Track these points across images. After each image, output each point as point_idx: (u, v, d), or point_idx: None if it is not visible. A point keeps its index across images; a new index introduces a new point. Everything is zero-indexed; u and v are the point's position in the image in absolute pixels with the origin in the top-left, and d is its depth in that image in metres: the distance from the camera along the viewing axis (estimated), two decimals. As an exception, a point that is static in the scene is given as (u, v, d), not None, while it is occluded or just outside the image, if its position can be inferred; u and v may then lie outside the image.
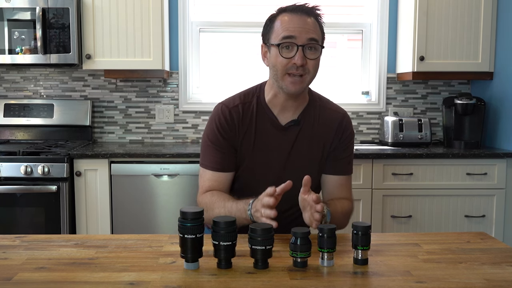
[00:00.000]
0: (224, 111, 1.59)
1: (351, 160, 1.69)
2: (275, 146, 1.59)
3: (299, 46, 1.47)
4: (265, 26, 1.57)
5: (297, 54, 1.47)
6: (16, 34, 3.00)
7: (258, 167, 1.59)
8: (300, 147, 1.60)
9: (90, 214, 2.88)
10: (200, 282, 1.08)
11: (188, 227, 1.13)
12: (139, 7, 3.07)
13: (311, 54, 1.50)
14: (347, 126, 1.65)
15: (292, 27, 1.48)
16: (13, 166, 2.77)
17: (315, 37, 1.50)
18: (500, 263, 1.21)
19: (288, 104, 1.58)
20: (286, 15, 1.51)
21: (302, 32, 1.48)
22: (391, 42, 3.46)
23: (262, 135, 1.59)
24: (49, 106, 3.33)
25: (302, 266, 1.16)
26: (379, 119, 3.51)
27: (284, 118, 1.60)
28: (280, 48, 1.49)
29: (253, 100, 1.61)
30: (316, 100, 1.65)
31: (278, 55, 1.49)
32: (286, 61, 1.49)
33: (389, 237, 1.51)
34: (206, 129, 1.63)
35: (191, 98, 3.48)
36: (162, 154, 2.88)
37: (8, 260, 1.22)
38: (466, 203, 2.98)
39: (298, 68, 1.48)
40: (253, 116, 1.59)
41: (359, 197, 2.91)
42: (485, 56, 3.17)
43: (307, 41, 1.48)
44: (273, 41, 1.51)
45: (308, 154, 1.60)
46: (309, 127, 1.61)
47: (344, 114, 1.67)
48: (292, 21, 1.49)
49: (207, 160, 1.60)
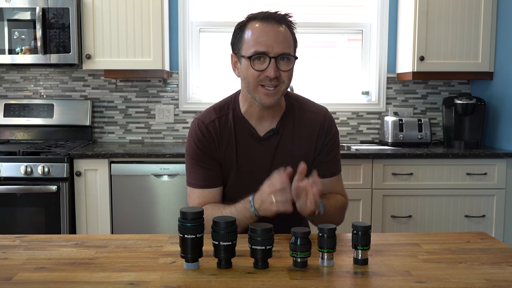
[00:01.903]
0: (201, 127, 1.54)
1: (338, 159, 1.63)
2: (258, 157, 1.55)
3: (271, 58, 1.41)
4: (235, 35, 1.51)
5: (269, 66, 1.41)
6: (16, 34, 3.00)
7: (244, 179, 1.55)
8: (282, 155, 1.55)
9: (90, 214, 2.88)
10: (200, 282, 1.08)
11: (188, 227, 1.13)
12: (139, 7, 3.07)
13: (284, 65, 1.43)
14: (329, 126, 1.59)
15: (263, 40, 1.41)
16: (13, 166, 2.77)
17: (287, 50, 1.43)
18: (500, 263, 1.21)
19: (264, 114, 1.53)
20: (257, 24, 1.44)
21: (274, 45, 1.41)
22: (391, 42, 3.46)
23: (243, 147, 1.54)
24: (49, 106, 3.33)
25: (302, 266, 1.16)
26: (379, 119, 3.51)
27: (263, 128, 1.55)
28: (252, 60, 1.42)
29: (229, 112, 1.56)
30: (294, 104, 1.58)
31: (249, 67, 1.43)
32: (258, 73, 1.43)
33: (389, 237, 1.50)
34: (187, 148, 1.58)
35: (191, 98, 3.48)
36: (162, 154, 2.88)
37: (8, 260, 1.22)
38: (466, 203, 2.98)
39: (271, 80, 1.42)
40: (232, 129, 1.54)
41: (359, 197, 2.91)
42: (485, 56, 3.17)
43: (280, 53, 1.41)
44: (244, 53, 1.44)
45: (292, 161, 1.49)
46: (289, 134, 1.56)
47: (325, 115, 1.60)
48: (263, 32, 1.42)
49: (194, 179, 1.56)
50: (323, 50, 3.72)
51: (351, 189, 2.67)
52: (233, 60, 1.54)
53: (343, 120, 3.51)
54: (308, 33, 3.56)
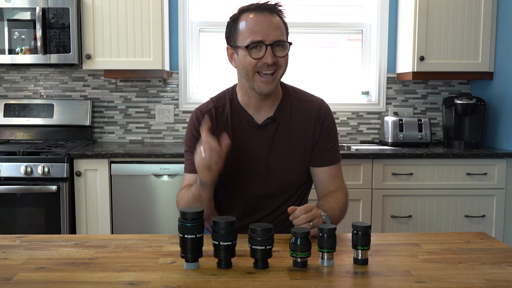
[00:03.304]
0: (198, 115, 1.60)
1: (337, 148, 1.66)
2: (255, 144, 1.58)
3: (267, 45, 1.47)
4: (229, 28, 1.57)
5: (266, 53, 1.47)
6: (16, 34, 3.00)
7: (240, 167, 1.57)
8: (279, 143, 1.59)
9: (90, 214, 2.88)
10: (200, 282, 1.08)
11: (188, 227, 1.13)
12: (139, 7, 3.07)
13: (280, 51, 1.49)
14: (326, 115, 1.63)
15: (258, 29, 1.47)
16: (13, 166, 2.77)
17: (281, 37, 1.49)
18: (500, 263, 1.21)
19: (262, 103, 1.58)
20: (250, 15, 1.51)
21: (268, 33, 1.47)
22: (391, 42, 3.46)
23: (239, 135, 1.58)
24: (49, 106, 3.33)
25: (302, 266, 1.16)
26: (379, 119, 3.51)
27: (260, 116, 1.59)
28: (249, 49, 1.48)
29: (226, 102, 1.62)
30: (290, 94, 1.64)
31: (247, 56, 1.49)
32: (256, 61, 1.48)
33: (389, 237, 1.51)
34: (185, 136, 1.66)
35: (191, 98, 3.48)
36: (162, 154, 2.88)
37: (8, 260, 1.22)
38: (466, 203, 2.98)
39: (269, 66, 1.48)
40: (228, 118, 1.59)
41: (359, 197, 2.91)
42: (485, 56, 3.17)
43: (275, 41, 1.48)
44: (240, 44, 1.50)
45: (289, 149, 1.59)
46: (287, 122, 1.60)
47: (321, 104, 1.64)
48: (257, 21, 1.49)
49: (187, 164, 1.62)
50: (323, 50, 3.72)
51: (351, 189, 2.65)
52: (229, 52, 1.59)
53: (343, 120, 3.51)
54: (308, 33, 3.56)
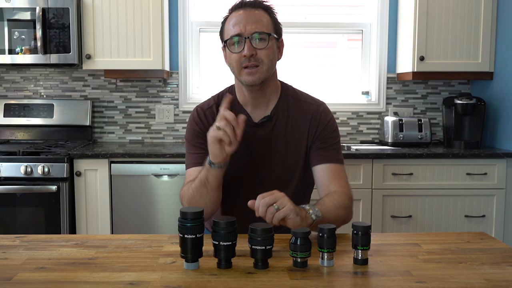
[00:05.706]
0: (200, 112, 1.63)
1: (337, 149, 1.63)
2: (252, 142, 1.59)
3: (246, 38, 1.48)
4: (220, 28, 1.59)
5: (245, 46, 1.48)
6: (16, 34, 3.00)
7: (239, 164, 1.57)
8: (276, 142, 1.60)
9: (90, 214, 2.88)
10: (200, 282, 1.08)
11: (188, 227, 1.13)
12: (139, 7, 3.07)
13: (260, 43, 1.49)
14: (323, 116, 1.62)
15: (237, 23, 1.49)
16: (13, 166, 2.77)
17: (260, 29, 1.49)
18: (500, 263, 1.21)
19: (258, 101, 1.59)
20: (234, 12, 1.53)
21: (246, 25, 1.48)
22: (391, 42, 3.46)
23: None
24: (49, 106, 3.33)
25: (302, 266, 1.16)
26: (379, 119, 3.51)
27: (257, 115, 1.61)
28: (230, 45, 1.50)
29: None
30: (289, 94, 1.64)
31: (230, 53, 1.51)
32: (238, 55, 1.49)
33: (389, 237, 1.51)
34: (186, 134, 1.67)
35: (191, 98, 3.48)
36: (162, 154, 2.88)
37: (8, 260, 1.22)
38: (466, 203, 2.98)
39: (249, 59, 1.48)
40: None
41: (359, 197, 2.91)
42: (485, 56, 3.17)
43: (253, 32, 1.48)
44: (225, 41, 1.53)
45: (285, 148, 1.59)
46: (283, 121, 1.60)
47: (320, 105, 1.64)
48: (237, 16, 1.51)
49: (189, 160, 1.63)
50: (323, 50, 3.72)
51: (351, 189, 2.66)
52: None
53: (343, 120, 3.51)
54: (308, 33, 3.56)
